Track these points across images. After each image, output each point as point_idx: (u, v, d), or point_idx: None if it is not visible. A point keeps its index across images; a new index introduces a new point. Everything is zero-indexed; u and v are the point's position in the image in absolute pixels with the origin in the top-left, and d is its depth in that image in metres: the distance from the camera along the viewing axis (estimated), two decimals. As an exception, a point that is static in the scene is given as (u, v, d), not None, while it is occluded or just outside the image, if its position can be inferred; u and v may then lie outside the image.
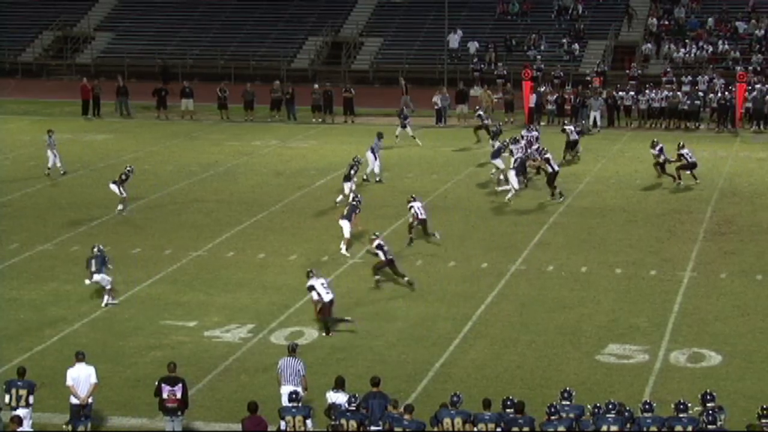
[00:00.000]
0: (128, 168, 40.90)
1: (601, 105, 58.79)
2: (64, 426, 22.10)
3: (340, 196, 40.93)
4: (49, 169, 46.02)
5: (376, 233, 33.48)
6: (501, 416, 20.79)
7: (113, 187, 39.67)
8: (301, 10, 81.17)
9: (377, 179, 45.50)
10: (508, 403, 21.01)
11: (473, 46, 75.32)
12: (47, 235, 37.40)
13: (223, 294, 31.88)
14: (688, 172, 44.89)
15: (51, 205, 41.27)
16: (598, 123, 57.91)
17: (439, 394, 23.65)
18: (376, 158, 45.69)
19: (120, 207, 39.96)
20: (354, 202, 36.60)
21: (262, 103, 61.82)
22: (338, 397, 21.90)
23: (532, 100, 60.25)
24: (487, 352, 27.72)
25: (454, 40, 75.15)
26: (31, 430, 20.96)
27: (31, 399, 22.12)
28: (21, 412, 21.58)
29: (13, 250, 35.80)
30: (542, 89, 61.13)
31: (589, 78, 67.14)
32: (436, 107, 60.43)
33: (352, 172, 41.43)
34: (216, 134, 56.75)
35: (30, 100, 65.22)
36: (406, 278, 32.36)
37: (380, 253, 32.41)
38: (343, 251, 35.30)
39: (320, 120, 60.75)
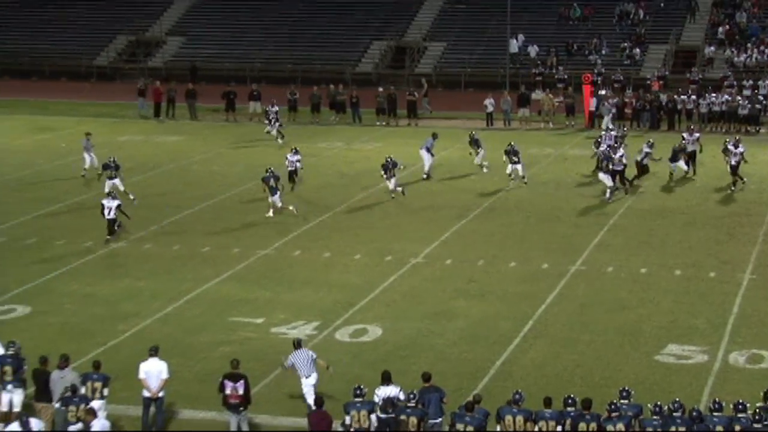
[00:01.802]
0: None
1: (609, 110, 58.48)
2: None
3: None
4: (85, 170, 46.29)
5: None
6: (562, 414, 20.76)
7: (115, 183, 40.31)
8: (366, 15, 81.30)
9: (424, 176, 45.89)
10: (570, 401, 20.97)
11: (534, 50, 75.10)
12: (121, 234, 37.70)
13: (290, 292, 32.04)
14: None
15: (123, 204, 41.63)
16: (610, 126, 57.10)
17: (500, 391, 23.64)
18: (432, 156, 46.16)
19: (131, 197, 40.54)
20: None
21: (325, 106, 62.06)
22: (389, 391, 21.92)
23: (592, 103, 60.01)
24: (547, 351, 27.66)
25: (515, 44, 74.91)
26: (106, 421, 21.19)
27: (105, 391, 22.38)
28: (96, 404, 21.83)
29: (88, 248, 36.16)
30: (603, 93, 60.83)
31: (649, 82, 66.78)
32: (486, 111, 60.29)
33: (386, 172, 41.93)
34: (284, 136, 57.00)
35: (104, 102, 65.84)
36: None
37: None
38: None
39: (384, 122, 60.83)
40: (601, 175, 42.76)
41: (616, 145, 44.90)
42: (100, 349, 26.68)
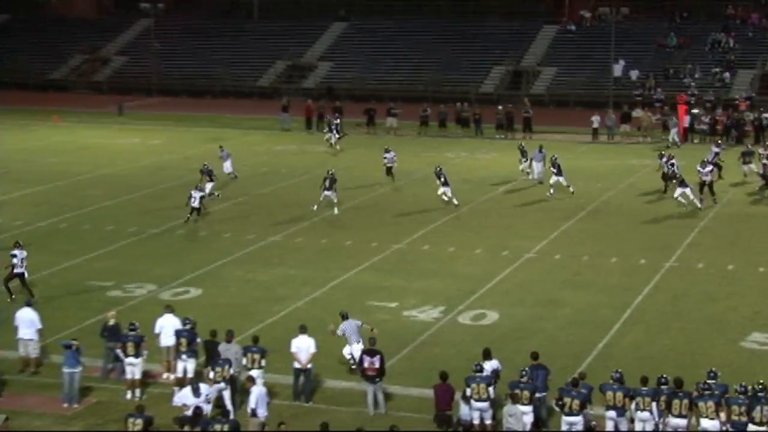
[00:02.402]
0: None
1: (676, 124, 57.70)
2: None
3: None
4: (229, 175, 46.53)
5: None
6: (656, 391, 20.46)
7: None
8: (488, 43, 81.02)
9: (538, 182, 45.62)
10: (663, 380, 20.64)
11: (635, 74, 74.18)
12: (276, 229, 38.15)
13: (419, 280, 32.05)
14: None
15: (279, 204, 42.09)
16: (677, 140, 56.81)
17: (602, 370, 23.35)
18: (543, 165, 45.87)
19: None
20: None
21: (452, 121, 62.05)
22: (491, 364, 21.94)
23: (686, 120, 59.23)
24: (643, 336, 27.28)
25: (618, 69, 74.10)
26: (264, 388, 21.42)
27: (263, 362, 22.65)
28: (254, 372, 22.11)
29: (249, 240, 36.62)
30: (696, 111, 59.95)
31: (737, 102, 65.45)
32: (593, 126, 59.68)
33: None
34: (415, 147, 57.04)
35: (265, 117, 66.59)
36: None
37: None
38: None
39: (503, 136, 60.53)
40: (681, 191, 41.22)
41: (711, 160, 44.27)
42: (258, 326, 27.01)
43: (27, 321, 24.57)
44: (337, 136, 55.70)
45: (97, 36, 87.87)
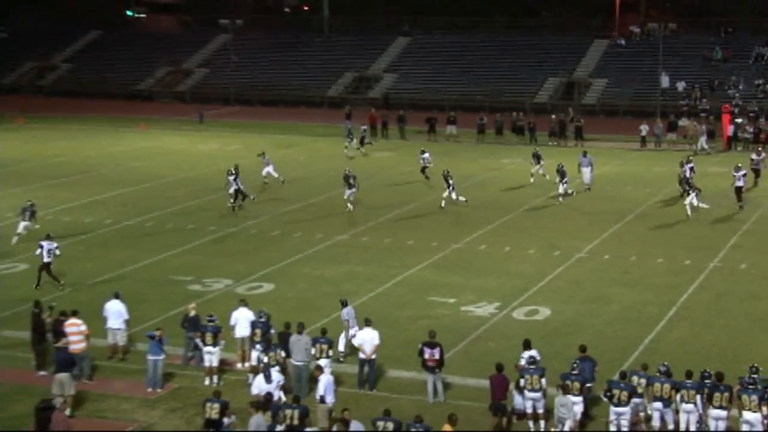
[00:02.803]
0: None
1: (704, 132, 57.31)
2: None
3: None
4: (265, 179, 46.29)
5: None
6: (700, 384, 20.21)
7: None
8: (543, 56, 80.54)
9: (587, 188, 45.09)
10: (706, 374, 20.41)
11: (681, 85, 73.31)
12: (343, 228, 38.22)
13: (476, 278, 31.93)
14: None
15: (345, 205, 42.12)
16: (705, 146, 56.53)
17: (648, 364, 23.04)
18: (591, 171, 45.32)
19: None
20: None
21: (508, 129, 61.72)
22: (530, 353, 21.93)
23: (730, 129, 58.51)
24: (687, 332, 26.94)
25: (665, 80, 73.30)
26: (331, 376, 21.48)
27: (330, 352, 22.73)
28: (322, 362, 22.18)
29: (318, 239, 36.71)
30: (739, 121, 59.18)
31: (779, 112, 64.56)
32: (641, 134, 59.09)
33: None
34: (473, 153, 56.88)
35: (333, 125, 66.74)
36: None
37: None
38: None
39: (555, 143, 60.12)
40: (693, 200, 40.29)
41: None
42: (326, 320, 26.94)
43: (115, 312, 24.88)
44: (357, 143, 55.57)
45: (181, 50, 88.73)
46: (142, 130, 65.31)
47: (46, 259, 30.31)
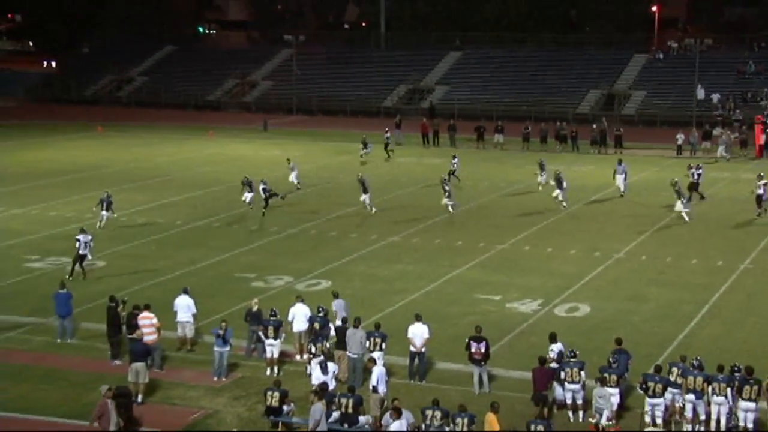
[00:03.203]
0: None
1: (725, 141, 56.76)
2: None
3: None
4: (297, 185, 45.93)
5: None
6: (731, 378, 19.98)
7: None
8: (585, 69, 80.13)
9: (621, 194, 44.61)
10: (736, 368, 20.17)
11: (716, 97, 72.48)
12: (396, 230, 38.22)
13: (520, 277, 31.79)
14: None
15: (399, 208, 42.01)
16: (725, 154, 55.99)
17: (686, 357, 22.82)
18: (625, 179, 44.90)
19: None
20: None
21: (551, 138, 61.31)
22: (557, 346, 21.88)
23: (762, 138, 57.79)
24: (720, 329, 26.62)
25: (701, 92, 72.47)
26: (384, 368, 21.48)
27: (383, 345, 22.71)
28: (376, 354, 22.19)
29: (372, 240, 36.76)
30: (771, 131, 58.50)
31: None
32: (677, 143, 58.44)
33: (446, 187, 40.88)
34: (519, 160, 56.60)
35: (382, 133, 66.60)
36: None
37: None
38: None
39: (596, 151, 59.67)
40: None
41: None
42: (379, 315, 27.07)
43: (184, 306, 25.10)
44: (370, 150, 55.34)
45: (247, 64, 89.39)
46: (210, 137, 65.87)
47: (82, 251, 30.77)
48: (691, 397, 20.17)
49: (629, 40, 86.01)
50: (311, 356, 22.31)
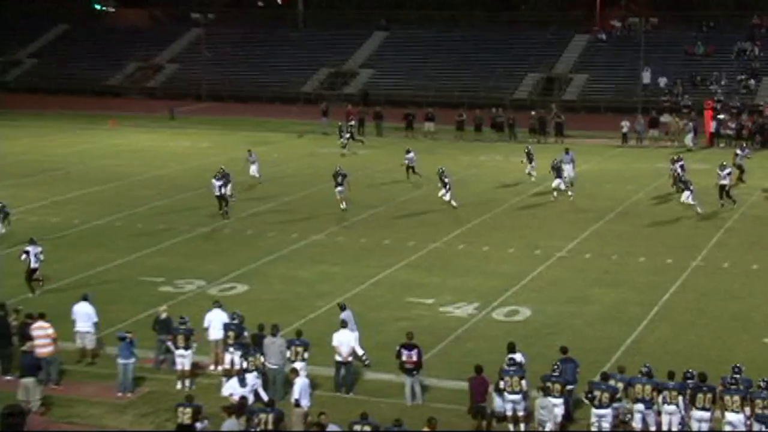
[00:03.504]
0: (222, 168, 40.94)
1: (690, 129, 58.06)
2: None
3: None
4: (258, 179, 46.10)
5: None
6: (683, 385, 20.34)
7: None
8: (522, 52, 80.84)
9: (565, 188, 44.97)
10: (689, 374, 20.55)
11: (663, 81, 73.68)
12: (318, 228, 38.20)
13: (455, 278, 32.00)
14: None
15: (321, 204, 42.00)
16: (691, 144, 57.33)
17: (630, 365, 23.03)
18: (573, 168, 45.38)
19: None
20: None
21: (487, 126, 61.87)
22: (516, 356, 21.97)
23: (712, 126, 58.94)
24: (669, 332, 27.11)
25: (647, 76, 73.66)
26: (307, 379, 21.46)
27: (306, 355, 22.69)
28: (298, 365, 22.19)
29: (293, 239, 36.70)
30: (722, 117, 59.61)
31: (762, 108, 64.92)
32: (622, 131, 59.42)
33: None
34: (451, 150, 56.97)
35: (307, 122, 66.68)
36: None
37: None
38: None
39: (536, 140, 60.23)
40: (687, 194, 40.65)
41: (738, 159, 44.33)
42: (301, 321, 27.03)
43: (84, 314, 24.80)
44: (346, 138, 55.39)
45: (151, 45, 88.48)
46: (111, 127, 65.06)
47: (33, 265, 30.15)
48: (639, 406, 20.48)
49: (569, 18, 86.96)
50: (241, 369, 22.00)
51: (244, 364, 22.05)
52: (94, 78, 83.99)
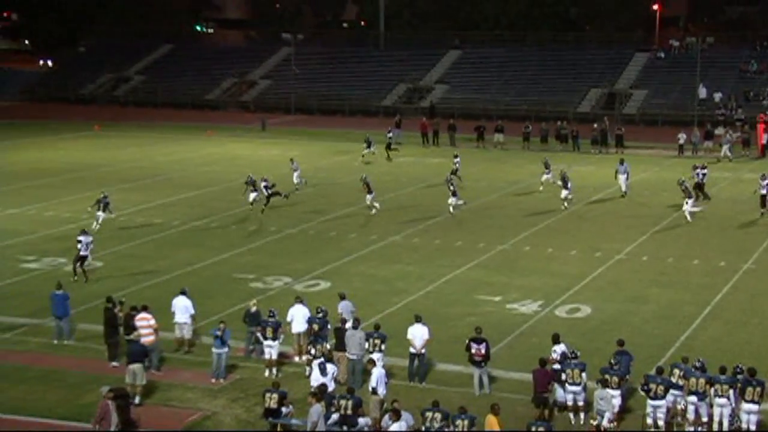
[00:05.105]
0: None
1: (728, 141, 56.78)
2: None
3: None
4: (297, 185, 45.68)
5: None
6: (734, 379, 19.98)
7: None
8: (586, 69, 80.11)
9: (622, 194, 44.51)
10: (738, 369, 20.17)
11: (718, 96, 72.47)
12: (396, 230, 38.22)
13: (521, 277, 31.78)
14: None
15: (399, 208, 42.02)
16: (728, 154, 56.00)
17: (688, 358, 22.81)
18: (627, 178, 44.80)
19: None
20: None
21: (552, 137, 61.30)
22: (560, 347, 21.83)
23: (764, 138, 57.93)
24: (722, 330, 26.62)
25: (703, 91, 72.50)
26: (383, 369, 21.45)
27: (383, 347, 22.70)
28: (375, 356, 22.19)
29: (372, 240, 36.75)
30: (774, 130, 58.57)
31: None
32: (679, 142, 58.44)
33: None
34: (519, 160, 56.60)
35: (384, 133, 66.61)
36: None
37: None
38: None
39: (597, 151, 59.65)
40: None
41: None
42: (379, 315, 27.09)
43: (182, 307, 25.07)
44: (374, 149, 55.14)
45: (246, 63, 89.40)
46: (208, 137, 65.83)
47: (83, 253, 30.76)
48: (693, 398, 20.17)
49: (630, 38, 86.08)
50: (311, 358, 22.35)
51: (312, 351, 22.17)
52: (195, 93, 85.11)
